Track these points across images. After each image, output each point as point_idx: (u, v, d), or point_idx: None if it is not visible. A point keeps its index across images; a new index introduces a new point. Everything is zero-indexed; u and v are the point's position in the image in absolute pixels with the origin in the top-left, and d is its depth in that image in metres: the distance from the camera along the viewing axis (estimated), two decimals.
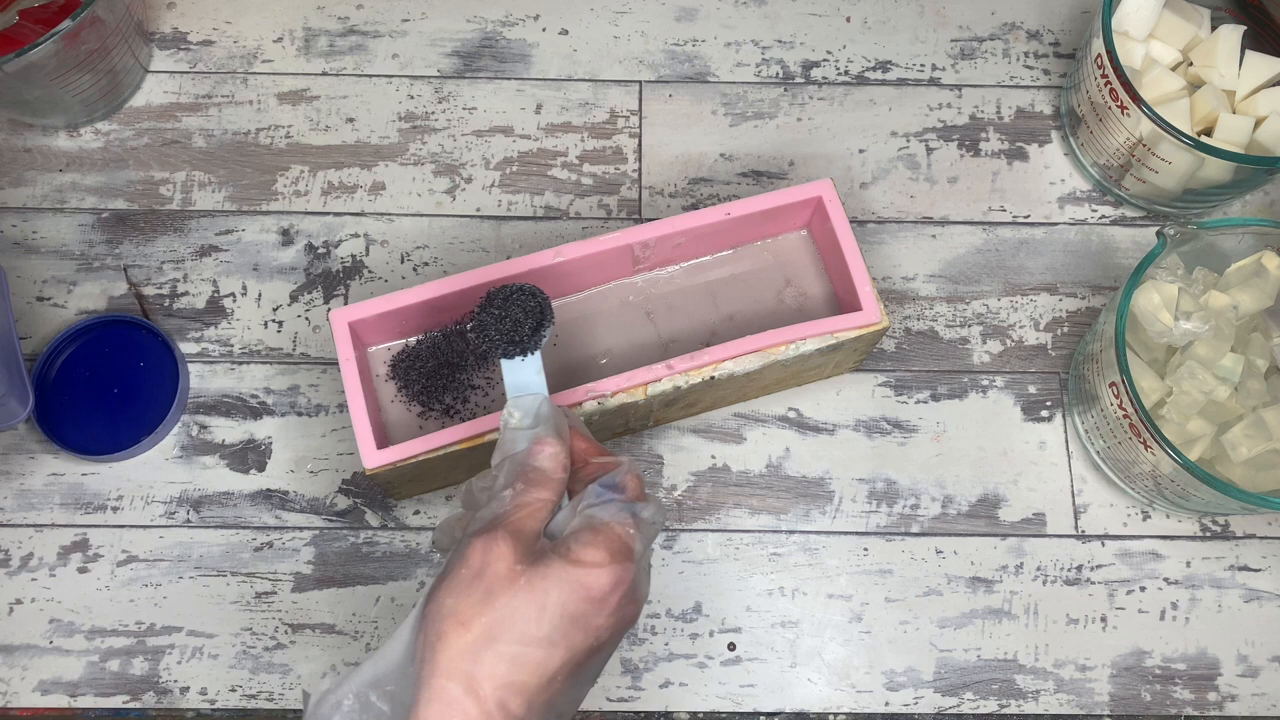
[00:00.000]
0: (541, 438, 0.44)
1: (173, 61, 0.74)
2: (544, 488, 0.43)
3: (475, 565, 0.40)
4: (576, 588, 0.40)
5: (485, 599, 0.39)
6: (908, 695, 0.63)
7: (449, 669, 0.38)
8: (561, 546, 0.41)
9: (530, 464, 0.43)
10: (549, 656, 0.39)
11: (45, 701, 0.61)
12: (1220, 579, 0.65)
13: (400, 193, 0.71)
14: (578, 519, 0.42)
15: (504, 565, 0.39)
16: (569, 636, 0.39)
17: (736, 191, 0.72)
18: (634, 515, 0.42)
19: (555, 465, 0.43)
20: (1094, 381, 0.62)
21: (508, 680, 0.38)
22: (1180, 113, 0.66)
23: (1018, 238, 0.72)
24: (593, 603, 0.40)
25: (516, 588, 0.39)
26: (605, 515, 0.42)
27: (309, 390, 0.67)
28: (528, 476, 0.43)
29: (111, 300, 0.68)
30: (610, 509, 0.42)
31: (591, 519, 0.42)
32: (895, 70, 0.75)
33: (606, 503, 0.42)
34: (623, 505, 0.42)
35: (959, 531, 0.65)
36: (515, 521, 0.41)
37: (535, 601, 0.39)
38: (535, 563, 0.40)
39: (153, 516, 0.64)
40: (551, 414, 0.45)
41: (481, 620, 0.39)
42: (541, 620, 0.39)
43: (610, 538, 0.41)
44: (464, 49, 0.75)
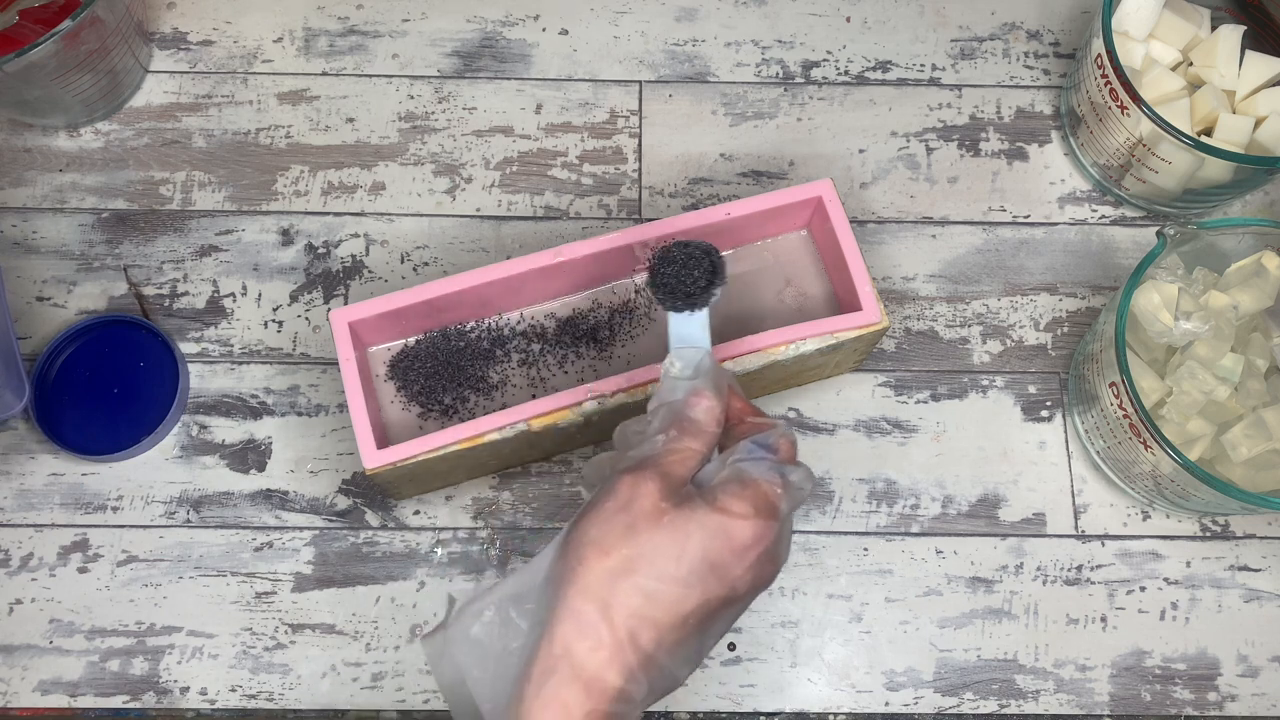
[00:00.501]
0: (699, 389, 0.44)
1: (173, 61, 0.74)
2: (696, 438, 0.43)
3: (622, 499, 0.40)
4: (719, 535, 0.40)
5: (628, 532, 0.40)
6: (908, 695, 0.63)
7: (586, 592, 0.39)
8: (708, 494, 0.41)
9: (686, 413, 0.43)
10: (684, 597, 0.39)
11: (45, 701, 0.61)
12: (1220, 579, 0.65)
13: (400, 193, 0.71)
14: (727, 470, 0.42)
15: (650, 502, 0.40)
16: (705, 582, 0.40)
17: (736, 191, 0.72)
18: (783, 476, 0.42)
19: (710, 418, 0.44)
20: (1094, 381, 0.62)
21: (641, 613, 0.39)
22: (1180, 113, 0.66)
23: (1018, 238, 0.72)
24: (733, 553, 0.40)
25: (660, 525, 0.40)
26: (755, 471, 0.42)
27: (309, 390, 0.67)
28: (682, 425, 0.43)
29: (111, 300, 0.68)
30: (760, 466, 0.42)
31: (741, 473, 0.42)
32: (895, 70, 0.75)
33: (757, 460, 0.43)
34: (773, 464, 0.43)
35: (959, 531, 0.65)
36: (665, 464, 0.42)
37: (677, 541, 0.39)
38: (681, 505, 0.40)
39: (153, 516, 0.64)
40: (712, 368, 0.46)
41: (622, 551, 0.39)
42: (681, 560, 0.39)
43: (757, 493, 0.41)
44: (464, 49, 0.75)
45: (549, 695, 0.39)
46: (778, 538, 0.42)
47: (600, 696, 0.39)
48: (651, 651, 0.39)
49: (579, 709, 0.38)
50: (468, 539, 0.64)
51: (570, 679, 0.39)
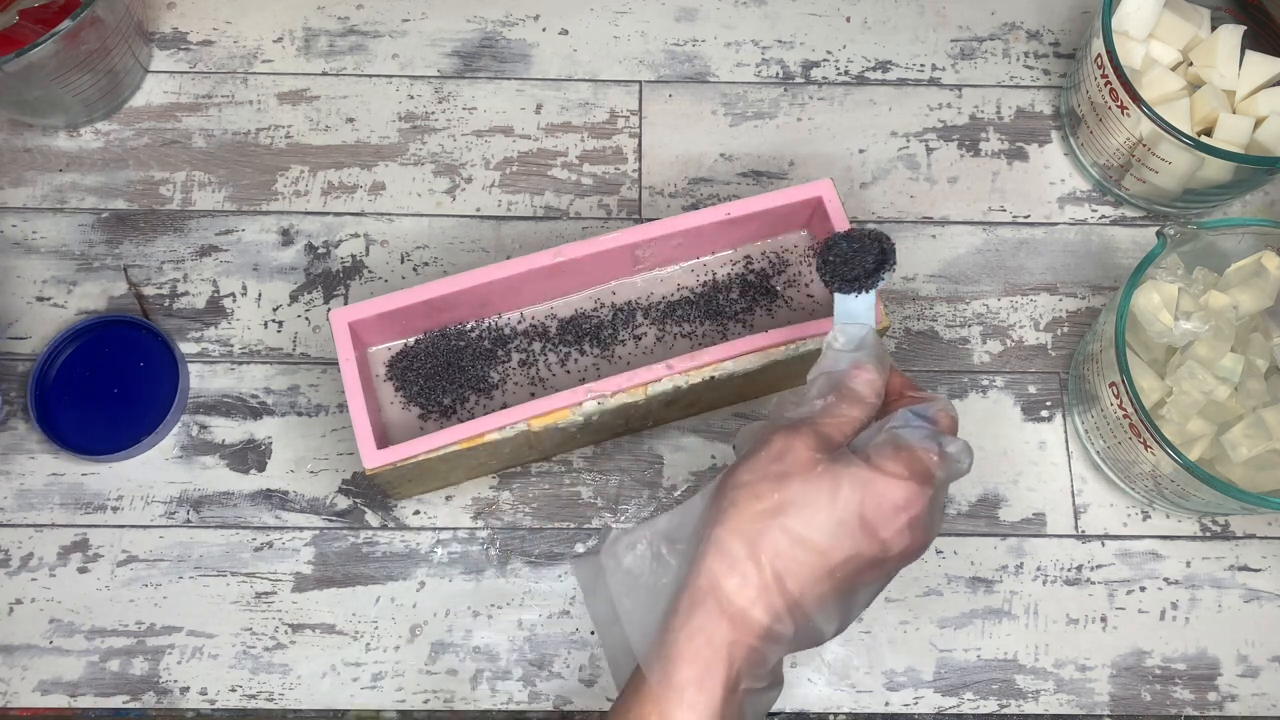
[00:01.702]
0: (861, 362, 0.45)
1: (173, 61, 0.74)
2: (855, 405, 0.44)
3: (776, 450, 0.41)
4: (872, 491, 0.40)
5: (781, 478, 0.40)
6: (908, 695, 0.63)
7: (737, 531, 0.40)
8: (863, 453, 0.42)
9: (845, 383, 0.44)
10: (832, 548, 0.40)
11: (45, 701, 0.61)
12: (1220, 579, 0.65)
13: (400, 193, 0.71)
14: (883, 435, 0.43)
15: (805, 454, 0.41)
16: (855, 536, 0.40)
17: (736, 191, 0.72)
18: (940, 445, 0.42)
19: (869, 390, 0.44)
20: (1094, 381, 0.62)
21: (789, 556, 0.39)
22: (1180, 113, 0.66)
23: (1018, 238, 0.72)
24: (885, 511, 0.40)
25: (813, 474, 0.40)
26: (911, 437, 0.42)
27: (309, 390, 0.67)
28: (841, 392, 0.44)
29: (111, 300, 0.68)
30: (917, 434, 0.42)
31: (897, 438, 0.42)
32: (895, 70, 0.75)
33: (915, 427, 0.43)
34: (930, 433, 0.43)
35: (959, 531, 0.65)
36: (821, 424, 0.42)
37: (828, 491, 0.40)
38: (836, 459, 0.41)
39: (153, 516, 0.64)
40: (875, 344, 0.46)
41: (775, 496, 0.40)
42: (832, 510, 0.40)
43: (912, 457, 0.41)
44: (464, 49, 0.75)
45: (695, 626, 0.40)
46: (930, 506, 0.42)
47: (744, 630, 0.39)
48: (797, 596, 0.40)
49: (722, 640, 0.39)
50: (468, 539, 0.64)
51: (716, 611, 0.39)
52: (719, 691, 0.39)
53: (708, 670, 0.39)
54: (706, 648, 0.39)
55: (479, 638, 0.63)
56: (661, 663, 0.40)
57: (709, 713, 0.39)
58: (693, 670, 0.39)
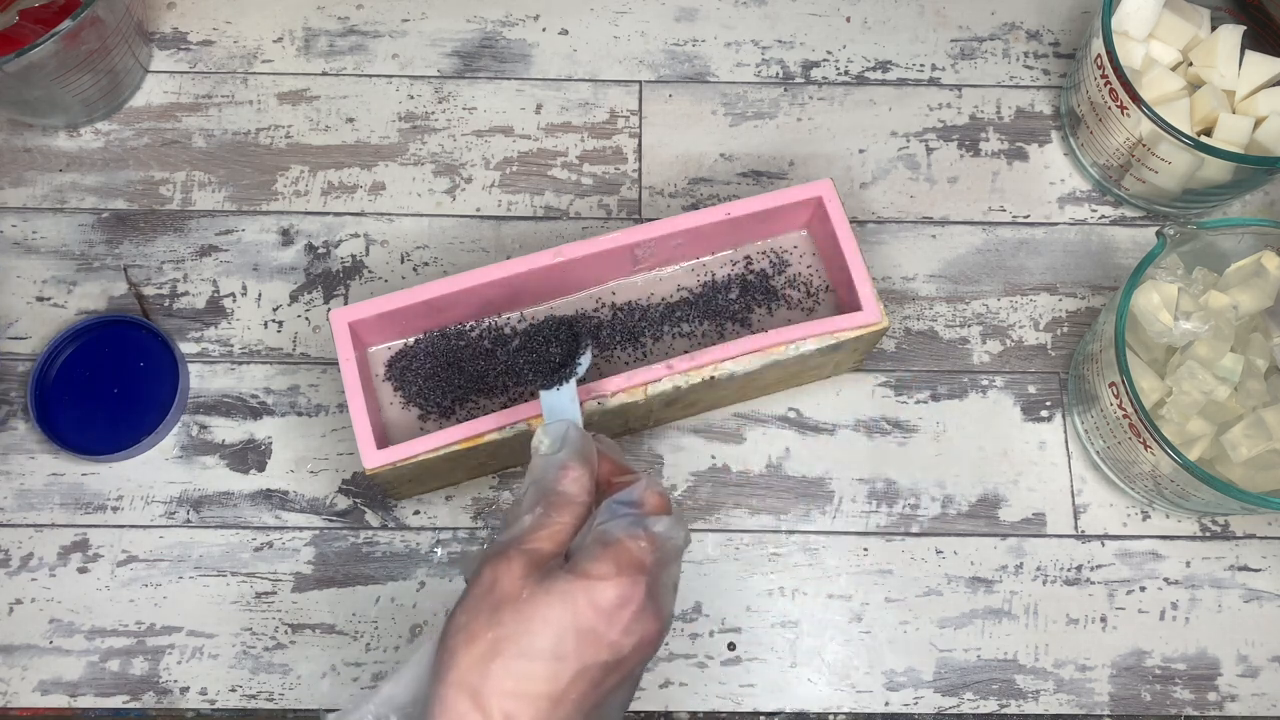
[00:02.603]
0: (565, 462, 0.44)
1: (173, 61, 0.74)
2: (564, 511, 0.43)
3: (486, 584, 0.40)
4: (583, 601, 0.39)
5: (492, 614, 0.39)
6: (908, 695, 0.63)
7: (457, 682, 0.38)
8: (571, 563, 0.41)
9: (553, 488, 0.43)
10: (557, 670, 0.38)
11: (45, 701, 0.61)
12: (1220, 579, 0.65)
13: (400, 193, 0.71)
14: (591, 535, 0.42)
15: (510, 582, 0.40)
16: (578, 651, 0.39)
17: (736, 191, 0.72)
18: (645, 529, 0.41)
19: (578, 489, 0.43)
20: (1094, 381, 0.62)
21: (514, 692, 0.38)
22: (1180, 113, 0.66)
23: (1018, 238, 0.72)
24: (601, 616, 0.39)
25: (521, 602, 0.39)
26: (616, 530, 0.41)
27: (309, 390, 0.67)
28: (549, 500, 0.43)
29: (111, 300, 0.68)
30: (621, 523, 0.42)
31: (602, 534, 0.41)
32: (895, 70, 0.75)
33: (619, 518, 0.42)
34: (635, 519, 0.42)
35: (959, 531, 0.65)
36: (529, 542, 0.41)
37: (540, 615, 0.39)
38: (543, 580, 0.40)
39: (153, 516, 0.64)
40: (578, 439, 0.45)
41: (488, 635, 0.39)
42: (546, 633, 0.39)
43: (619, 551, 0.40)
44: (464, 49, 0.75)
45: None
46: (651, 593, 0.41)
47: None
48: None
49: None
50: (468, 539, 0.64)
51: None
52: None
53: None
54: None
55: None
56: None
57: None
58: None
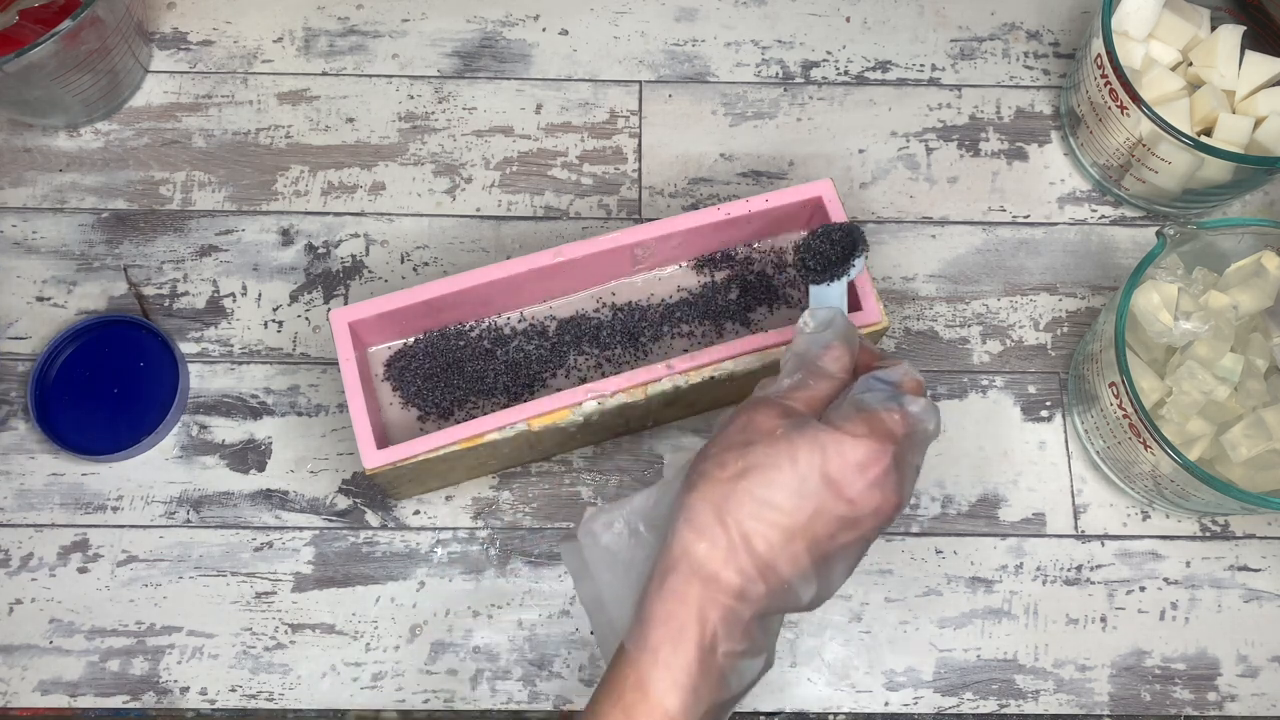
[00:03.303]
0: (829, 342, 0.46)
1: (173, 61, 0.74)
2: (821, 380, 0.45)
3: (741, 423, 0.43)
4: (832, 452, 0.41)
5: (744, 447, 0.42)
6: (907, 695, 0.63)
7: (705, 497, 0.41)
8: (827, 418, 0.43)
9: (814, 361, 0.45)
10: (797, 508, 0.41)
11: (45, 701, 0.61)
12: (1220, 579, 0.65)
13: (400, 193, 0.71)
14: (846, 400, 0.44)
15: (767, 423, 0.42)
16: (819, 496, 0.41)
17: (736, 191, 0.72)
18: (901, 405, 0.43)
19: (836, 365, 0.45)
20: (1094, 381, 0.62)
21: (756, 516, 0.41)
22: (1180, 113, 0.66)
23: (1018, 238, 0.72)
24: (847, 470, 0.41)
25: (775, 438, 0.42)
26: (872, 400, 0.43)
27: (309, 390, 0.67)
28: (809, 369, 0.45)
29: (111, 300, 0.68)
30: (878, 395, 0.43)
31: (858, 401, 0.43)
32: (895, 70, 0.75)
33: (875, 390, 0.44)
34: (891, 394, 0.44)
35: (959, 531, 0.65)
36: (786, 398, 0.44)
37: (788, 454, 0.41)
38: (799, 425, 0.42)
39: (153, 516, 0.64)
40: (844, 324, 0.47)
41: (739, 463, 0.42)
42: (794, 471, 0.41)
43: (872, 417, 0.42)
44: (464, 49, 0.75)
45: (668, 590, 0.41)
46: (896, 464, 0.42)
47: (716, 591, 0.41)
48: (767, 557, 0.41)
49: (694, 602, 0.41)
50: (468, 539, 0.64)
51: (688, 575, 0.41)
52: (692, 651, 0.40)
53: (681, 631, 0.41)
54: (680, 609, 0.41)
55: (479, 638, 0.63)
56: (638, 627, 0.42)
57: (683, 673, 0.40)
58: (666, 631, 0.41)
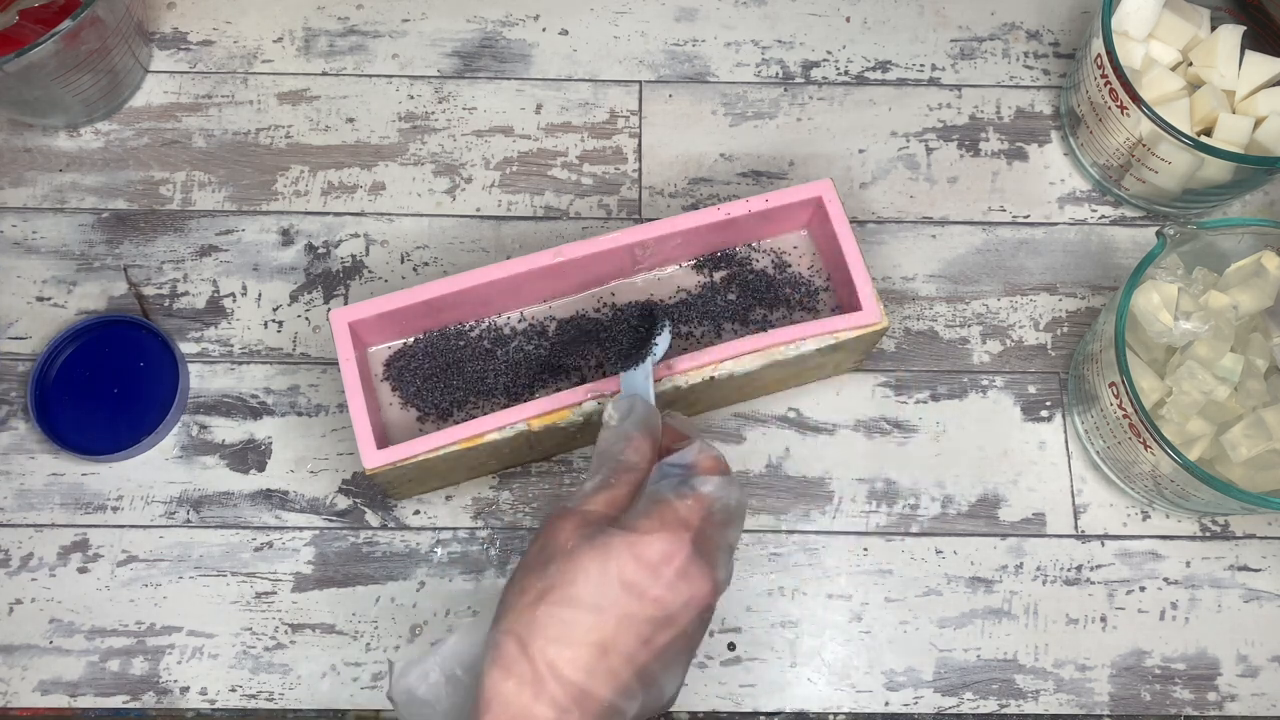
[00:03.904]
0: (628, 433, 0.46)
1: (173, 61, 0.74)
2: (623, 479, 0.45)
3: (540, 543, 0.42)
4: (627, 554, 0.41)
5: (542, 568, 0.41)
6: (907, 695, 0.63)
7: (508, 629, 0.40)
8: (619, 521, 0.42)
9: (615, 457, 0.45)
10: (599, 620, 0.40)
11: (45, 701, 0.61)
12: (1220, 579, 0.65)
13: (400, 193, 0.71)
14: (642, 497, 0.44)
15: (564, 537, 0.42)
16: (621, 603, 0.40)
17: (736, 191, 0.72)
18: (693, 489, 0.43)
19: (639, 458, 0.45)
20: (1094, 381, 0.62)
21: (559, 640, 0.39)
22: (1180, 113, 0.66)
23: (1017, 238, 0.72)
24: (644, 569, 0.40)
25: (570, 554, 0.41)
26: (664, 489, 0.43)
27: (309, 390, 0.67)
28: (610, 468, 0.45)
29: (111, 300, 0.68)
30: (669, 483, 0.43)
31: (652, 494, 0.43)
32: (895, 70, 0.75)
33: (667, 478, 0.44)
34: (683, 479, 0.43)
35: (959, 531, 0.65)
36: (585, 504, 0.43)
37: (584, 567, 0.40)
38: (591, 535, 0.41)
39: (153, 516, 0.64)
40: (643, 410, 0.47)
41: (537, 586, 0.41)
42: (588, 583, 0.40)
43: (664, 508, 0.42)
44: (464, 49, 0.75)
45: None
46: (699, 551, 0.42)
47: None
48: (578, 680, 0.39)
49: None
50: (468, 539, 0.64)
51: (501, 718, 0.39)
52: None
53: None
54: None
55: None
56: None
57: None
58: None
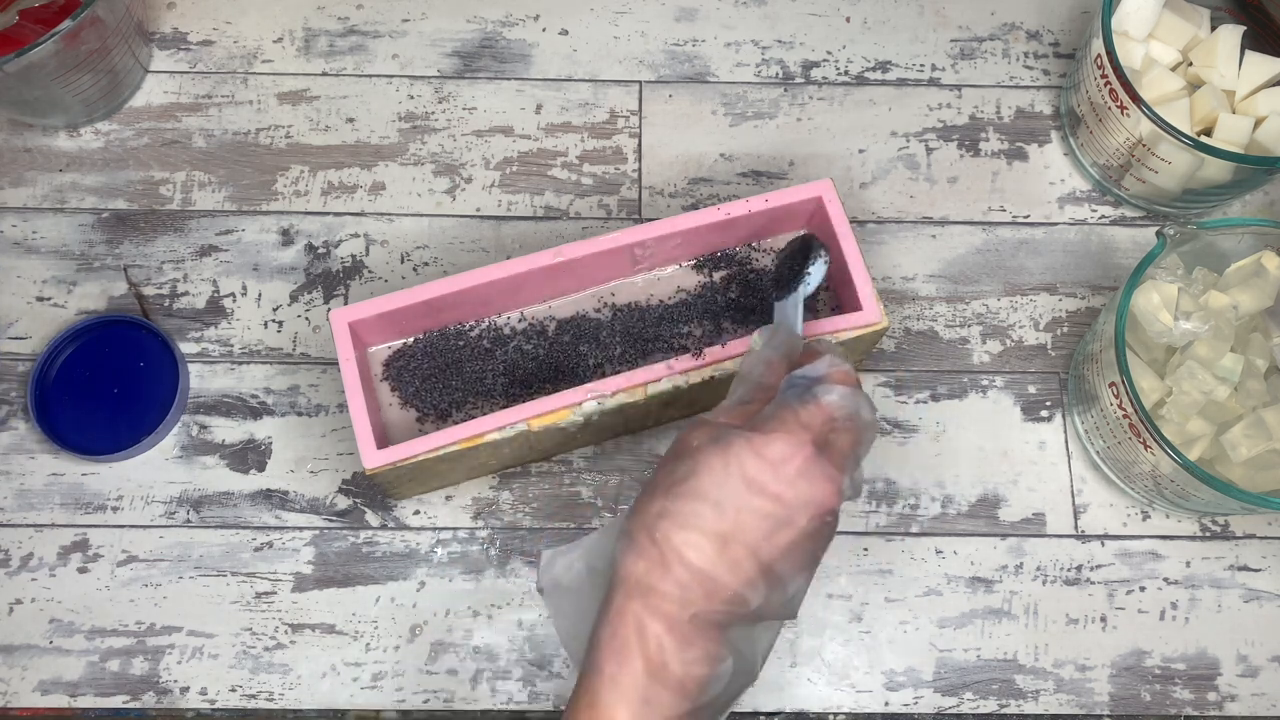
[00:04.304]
0: (767, 357, 0.49)
1: (173, 61, 0.74)
2: (757, 395, 0.47)
3: (675, 449, 0.45)
4: (749, 454, 0.43)
5: (672, 467, 0.44)
6: (907, 695, 0.63)
7: (639, 520, 0.43)
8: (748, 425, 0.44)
9: (754, 379, 0.48)
10: (721, 512, 0.42)
11: (45, 701, 0.61)
12: (1220, 579, 0.65)
13: (400, 193, 0.71)
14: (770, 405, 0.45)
15: (695, 442, 0.44)
16: (741, 497, 0.42)
17: (736, 191, 0.72)
18: (815, 396, 0.44)
19: (775, 378, 0.48)
20: (1094, 381, 0.62)
21: (683, 527, 0.42)
22: (1180, 113, 0.66)
23: (1017, 238, 0.72)
24: (764, 467, 0.42)
25: (698, 454, 0.43)
26: (789, 397, 0.45)
27: (309, 390, 0.67)
28: (749, 387, 0.48)
29: (111, 300, 0.68)
30: (794, 391, 0.45)
31: (779, 401, 0.45)
32: (895, 70, 0.75)
33: (795, 387, 0.46)
34: (808, 388, 0.45)
35: (959, 531, 0.65)
36: (718, 417, 0.46)
37: (708, 464, 0.43)
38: (717, 437, 0.44)
39: (153, 516, 0.64)
40: (785, 336, 0.50)
41: (665, 483, 0.44)
42: (711, 478, 0.43)
43: (787, 413, 0.44)
44: (464, 49, 0.75)
45: (613, 612, 0.42)
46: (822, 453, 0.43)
47: (656, 602, 0.42)
48: (702, 565, 0.42)
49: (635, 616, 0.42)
50: (468, 539, 0.64)
51: (627, 594, 0.42)
52: (638, 664, 0.41)
53: (624, 647, 0.41)
54: (622, 628, 0.42)
55: (479, 638, 0.63)
56: (590, 652, 0.43)
57: (630, 687, 0.41)
58: (610, 650, 0.42)
